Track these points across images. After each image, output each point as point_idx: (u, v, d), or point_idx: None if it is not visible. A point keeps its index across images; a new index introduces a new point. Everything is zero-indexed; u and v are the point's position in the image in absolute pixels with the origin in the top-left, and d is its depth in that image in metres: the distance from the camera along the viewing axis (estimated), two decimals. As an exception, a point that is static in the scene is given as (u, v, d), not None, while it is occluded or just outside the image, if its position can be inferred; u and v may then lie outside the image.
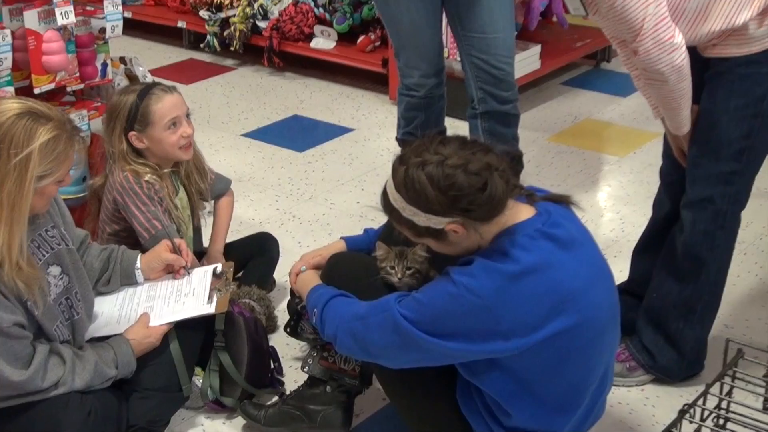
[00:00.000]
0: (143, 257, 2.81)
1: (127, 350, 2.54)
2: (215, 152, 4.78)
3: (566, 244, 2.14)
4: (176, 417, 2.80)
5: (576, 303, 2.11)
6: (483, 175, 2.07)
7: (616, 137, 4.94)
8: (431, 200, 2.08)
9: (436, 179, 2.07)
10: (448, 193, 2.07)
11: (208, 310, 2.69)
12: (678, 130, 2.74)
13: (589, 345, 2.18)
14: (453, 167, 2.07)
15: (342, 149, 4.84)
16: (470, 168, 2.07)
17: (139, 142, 3.02)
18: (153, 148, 3.04)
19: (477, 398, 2.29)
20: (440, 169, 2.07)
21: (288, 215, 4.15)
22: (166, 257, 2.80)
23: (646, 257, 3.11)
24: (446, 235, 2.15)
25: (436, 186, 2.07)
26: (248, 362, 2.81)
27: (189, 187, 3.20)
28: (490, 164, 2.09)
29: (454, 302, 2.09)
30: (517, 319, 2.08)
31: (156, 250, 2.83)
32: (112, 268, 2.77)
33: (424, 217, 2.12)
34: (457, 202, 2.08)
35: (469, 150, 2.11)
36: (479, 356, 2.15)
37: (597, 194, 4.30)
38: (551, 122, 5.13)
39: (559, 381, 2.19)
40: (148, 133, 3.01)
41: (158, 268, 2.81)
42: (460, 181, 2.06)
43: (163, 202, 3.05)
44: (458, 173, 2.06)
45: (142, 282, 2.79)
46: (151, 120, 2.99)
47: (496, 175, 2.09)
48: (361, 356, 2.41)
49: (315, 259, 2.71)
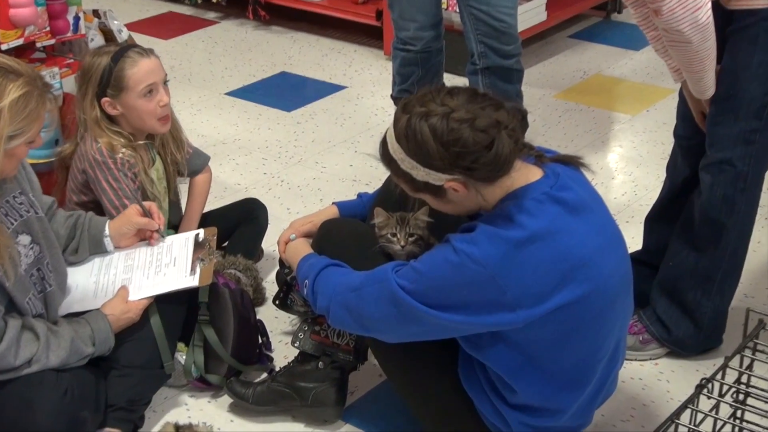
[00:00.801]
0: (112, 223, 2.79)
1: (105, 326, 2.54)
2: (197, 112, 4.76)
3: (575, 208, 2.14)
4: (158, 396, 2.80)
5: (586, 271, 2.11)
6: (490, 132, 2.06)
7: (627, 94, 4.93)
8: (432, 154, 2.07)
9: (439, 132, 2.06)
10: (450, 149, 2.06)
11: (190, 283, 2.69)
12: (702, 95, 2.73)
13: (599, 316, 2.18)
14: (459, 121, 2.05)
15: (333, 108, 4.82)
16: (477, 124, 2.05)
17: (113, 109, 3.00)
18: (127, 115, 3.01)
19: (480, 374, 2.29)
20: (445, 122, 2.06)
21: (276, 180, 4.14)
22: (137, 221, 2.79)
23: (661, 225, 3.11)
24: (445, 193, 2.14)
25: (438, 140, 2.06)
26: (234, 337, 2.81)
27: (164, 157, 3.18)
28: (499, 121, 2.07)
29: (455, 272, 2.09)
30: (522, 290, 2.08)
31: (125, 215, 2.81)
32: (79, 235, 2.76)
33: (423, 172, 2.11)
34: (460, 159, 2.07)
35: (479, 104, 2.09)
36: (482, 329, 2.15)
37: (607, 155, 4.29)
38: (558, 78, 5.11)
39: (568, 355, 2.19)
40: (122, 100, 2.98)
41: (129, 234, 2.80)
42: (465, 137, 2.05)
43: (137, 178, 3.04)
44: (464, 128, 2.05)
45: (112, 250, 2.79)
46: (125, 85, 2.97)
47: (504, 134, 2.07)
48: (356, 330, 2.41)
49: (305, 226, 2.71)
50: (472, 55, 3.78)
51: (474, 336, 2.20)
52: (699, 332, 2.96)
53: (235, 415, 2.79)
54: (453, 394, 2.35)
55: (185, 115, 4.64)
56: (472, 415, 2.34)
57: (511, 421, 2.28)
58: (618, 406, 2.78)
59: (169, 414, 2.80)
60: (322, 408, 2.71)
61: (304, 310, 2.72)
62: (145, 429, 2.72)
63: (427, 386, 2.40)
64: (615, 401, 2.66)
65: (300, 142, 4.47)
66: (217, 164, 4.21)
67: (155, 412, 2.80)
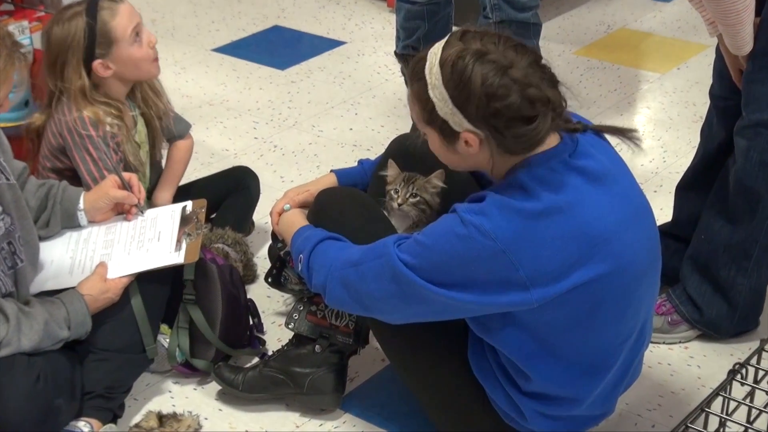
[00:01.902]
0: (87, 195, 2.80)
1: (81, 307, 2.55)
2: (181, 71, 4.75)
3: (597, 177, 2.14)
4: (139, 383, 2.82)
5: (608, 247, 2.11)
6: (537, 107, 2.07)
7: (656, 50, 4.92)
8: (470, 98, 2.07)
9: (488, 81, 2.06)
10: (491, 103, 2.06)
11: (176, 260, 2.69)
12: (739, 50, 2.72)
13: (622, 296, 2.18)
14: (513, 81, 2.06)
15: (331, 66, 4.81)
16: (529, 92, 2.06)
17: (106, 70, 2.99)
18: (122, 70, 3.01)
19: (491, 359, 2.30)
20: (498, 76, 2.06)
21: (268, 145, 4.14)
22: (114, 195, 2.79)
23: (693, 195, 3.11)
24: (456, 140, 2.14)
25: (484, 88, 2.06)
26: (223, 318, 2.82)
27: (147, 113, 3.18)
28: (551, 101, 2.09)
29: (462, 245, 2.09)
30: (537, 266, 2.08)
31: (102, 187, 2.82)
32: (51, 208, 2.76)
33: (449, 108, 2.10)
34: (494, 118, 2.07)
35: (539, 74, 2.10)
36: (493, 310, 2.16)
37: (633, 118, 4.29)
38: (580, 32, 5.09)
39: (588, 339, 2.20)
40: (114, 55, 2.99)
41: (105, 208, 2.80)
42: (511, 100, 2.06)
43: (120, 147, 3.04)
44: (514, 90, 2.06)
45: (86, 225, 2.79)
46: (114, 37, 2.97)
47: (549, 116, 2.09)
48: (355, 310, 2.42)
49: (301, 195, 2.71)
50: (484, 7, 3.77)
51: (484, 317, 2.20)
52: (733, 313, 2.96)
53: (223, 404, 2.81)
54: (462, 381, 2.36)
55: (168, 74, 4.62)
56: (482, 404, 2.35)
57: (526, 410, 2.29)
58: (643, 394, 2.79)
59: (152, 402, 2.82)
60: (319, 395, 2.72)
61: (299, 288, 2.73)
62: (125, 419, 2.73)
63: (434, 372, 2.41)
64: (640, 388, 2.67)
65: (295, 104, 4.46)
66: (203, 128, 4.22)
67: (136, 400, 2.81)
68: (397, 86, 4.44)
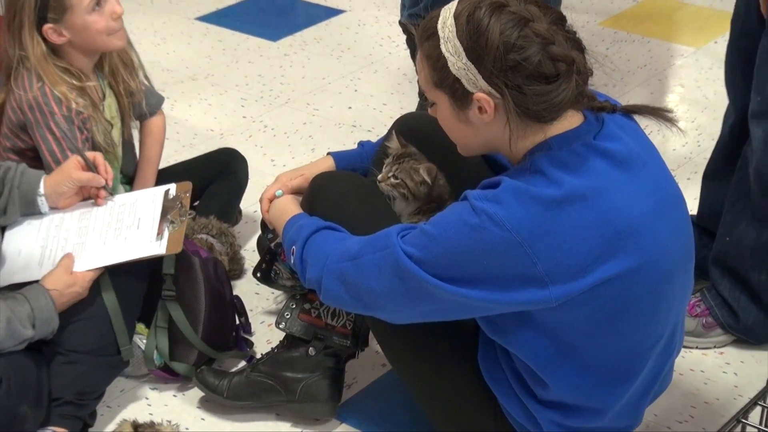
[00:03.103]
0: (48, 179, 2.79)
1: (47, 303, 2.55)
2: (161, 42, 4.75)
3: (624, 162, 2.14)
4: (113, 388, 2.82)
5: (636, 239, 2.11)
6: (559, 66, 2.07)
7: (691, 21, 4.92)
8: (486, 50, 2.07)
9: (507, 33, 2.06)
10: (509, 55, 2.06)
11: (156, 251, 2.69)
12: None
13: (651, 295, 2.18)
14: (535, 34, 2.06)
15: (329, 37, 4.81)
16: (551, 49, 2.06)
17: (58, 36, 2.99)
18: (76, 40, 3.01)
19: (505, 364, 2.30)
20: (518, 28, 2.07)
21: (258, 124, 4.14)
22: (78, 177, 2.78)
23: (716, 184, 3.10)
24: (469, 105, 2.14)
25: (502, 39, 2.06)
26: (206, 317, 2.83)
27: (116, 88, 3.18)
28: (575, 62, 2.09)
29: (474, 236, 2.09)
30: (557, 261, 2.08)
31: (64, 169, 2.80)
32: (8, 193, 2.75)
33: (463, 63, 2.10)
34: (512, 72, 2.07)
35: (562, 33, 2.10)
36: (507, 309, 2.16)
37: (665, 97, 4.28)
38: (606, 1, 5.09)
39: (612, 342, 2.20)
40: (68, 22, 2.97)
41: (68, 193, 2.80)
42: (530, 54, 2.06)
43: (86, 125, 3.03)
44: (535, 44, 2.06)
45: (47, 212, 2.79)
46: (70, 2, 2.96)
47: (573, 79, 2.09)
48: (354, 308, 2.41)
49: (294, 180, 2.71)
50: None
51: (497, 317, 2.20)
52: (768, 319, 2.97)
53: (206, 412, 2.82)
54: (471, 388, 2.36)
55: (146, 44, 4.64)
56: (494, 414, 2.35)
57: (542, 421, 2.29)
58: (674, 404, 2.80)
59: (127, 410, 2.83)
60: (313, 404, 2.73)
61: (291, 284, 2.73)
62: (97, 428, 2.74)
63: (441, 378, 2.42)
64: (670, 398, 2.68)
65: (287, 79, 4.46)
66: (185, 105, 4.22)
67: (110, 407, 2.82)
68: (401, 60, 4.44)
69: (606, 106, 2.20)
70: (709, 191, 3.15)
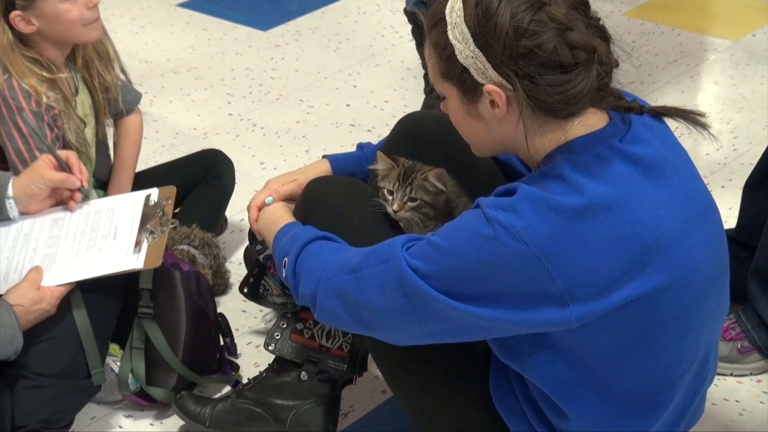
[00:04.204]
0: (17, 181, 2.79)
1: (10, 321, 2.54)
2: (139, 30, 4.76)
3: (653, 168, 2.13)
4: (83, 415, 2.82)
5: (666, 255, 2.11)
6: (578, 55, 2.07)
7: (726, 11, 4.92)
8: (495, 34, 2.07)
9: (517, 18, 2.06)
10: (521, 41, 2.06)
11: (133, 265, 2.69)
12: None
13: (682, 316, 2.18)
14: (551, 19, 2.06)
15: (325, 27, 4.82)
16: (568, 36, 2.06)
17: (27, 25, 3.00)
18: (47, 29, 3.02)
19: (518, 390, 2.30)
20: (531, 12, 2.07)
21: (246, 123, 4.15)
22: (51, 177, 2.78)
23: (761, 195, 3.10)
24: (479, 98, 2.14)
25: (513, 23, 2.06)
26: (187, 337, 2.83)
27: (90, 82, 3.18)
28: (596, 51, 2.09)
29: (486, 249, 2.08)
30: (578, 277, 2.07)
31: (35, 169, 2.80)
32: (-26, 196, 2.77)
33: (471, 51, 2.10)
34: (524, 60, 2.07)
35: (582, 19, 2.11)
36: (522, 330, 2.15)
37: (697, 95, 4.29)
38: (632, -11, 5.11)
39: (639, 369, 2.19)
40: (38, 10, 2.99)
41: (40, 195, 2.80)
42: (545, 39, 2.06)
43: (57, 122, 3.03)
44: (550, 30, 2.06)
45: (16, 217, 2.79)
46: None
47: (594, 70, 2.09)
48: (351, 327, 2.38)
49: (287, 186, 2.70)
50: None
51: (511, 339, 2.20)
52: (810, 344, 2.97)
53: (186, 443, 2.82)
54: (481, 418, 2.36)
55: (123, 33, 4.64)
56: (506, 447, 2.35)
57: (560, 455, 2.29)
58: (707, 437, 2.80)
59: (98, 439, 2.83)
60: (306, 434, 2.73)
61: (281, 300, 2.73)
62: (65, 459, 2.75)
63: (448, 406, 2.41)
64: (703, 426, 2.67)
65: (279, 73, 4.47)
66: (165, 101, 4.23)
67: (79, 436, 2.82)
68: (406, 52, 4.44)
69: (633, 107, 2.20)
70: (751, 203, 3.15)
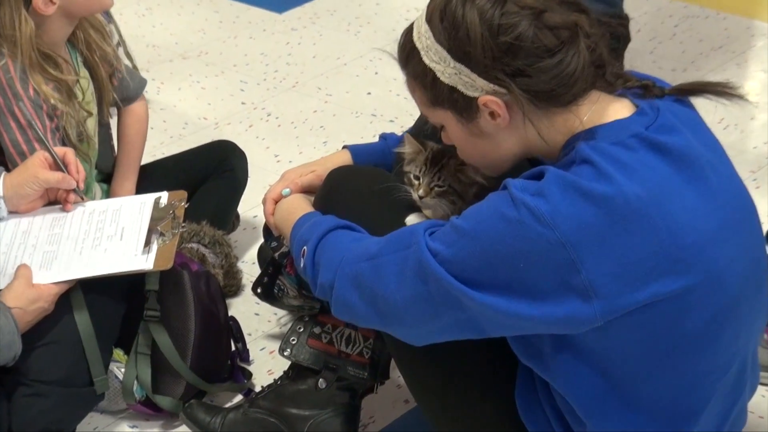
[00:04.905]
0: (9, 178, 2.80)
1: (8, 324, 2.55)
2: (145, 12, 4.76)
3: (683, 160, 2.12)
4: (85, 425, 2.84)
5: (697, 254, 2.10)
6: (561, 34, 2.08)
7: (776, -8, 4.91)
8: (473, 43, 2.08)
9: (488, 15, 2.07)
10: (499, 38, 2.07)
11: (142, 265, 2.70)
12: None
13: (717, 318, 2.16)
14: (521, 7, 2.07)
15: (345, 9, 4.82)
16: (546, 19, 2.07)
17: (49, 6, 3.01)
18: (69, 6, 3.02)
19: (544, 400, 2.29)
20: (498, 7, 2.07)
21: (260, 112, 4.15)
22: (45, 177, 2.78)
23: None
24: (477, 115, 2.14)
25: (485, 23, 2.07)
26: (196, 342, 2.84)
27: (91, 58, 3.18)
28: (577, 24, 2.09)
29: (510, 232, 2.07)
30: (605, 268, 2.06)
31: (28, 168, 2.80)
32: (-36, 193, 2.78)
33: (452, 68, 2.11)
34: (510, 57, 2.07)
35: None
36: (542, 328, 2.13)
37: (745, 83, 4.27)
38: (674, -32, 5.09)
39: (669, 376, 2.18)
40: None
41: (32, 195, 2.80)
42: (522, 30, 2.06)
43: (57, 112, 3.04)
44: (524, 18, 2.07)
45: (6, 216, 2.79)
46: None
47: (582, 43, 2.08)
48: (367, 319, 2.35)
49: (305, 177, 2.70)
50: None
51: (534, 338, 2.19)
52: None
53: (195, 454, 2.82)
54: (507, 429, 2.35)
55: (128, 15, 4.65)
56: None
57: (586, 470, 2.28)
58: (750, 451, 2.79)
59: (102, 451, 2.84)
60: (324, 445, 2.73)
61: (298, 303, 2.73)
62: (66, 472, 2.75)
63: (472, 416, 2.41)
64: (743, 442, 2.67)
65: (295, 58, 4.47)
66: (174, 89, 4.23)
67: (81, 448, 2.83)
68: (430, 37, 4.43)
69: (648, 85, 2.19)
70: None
